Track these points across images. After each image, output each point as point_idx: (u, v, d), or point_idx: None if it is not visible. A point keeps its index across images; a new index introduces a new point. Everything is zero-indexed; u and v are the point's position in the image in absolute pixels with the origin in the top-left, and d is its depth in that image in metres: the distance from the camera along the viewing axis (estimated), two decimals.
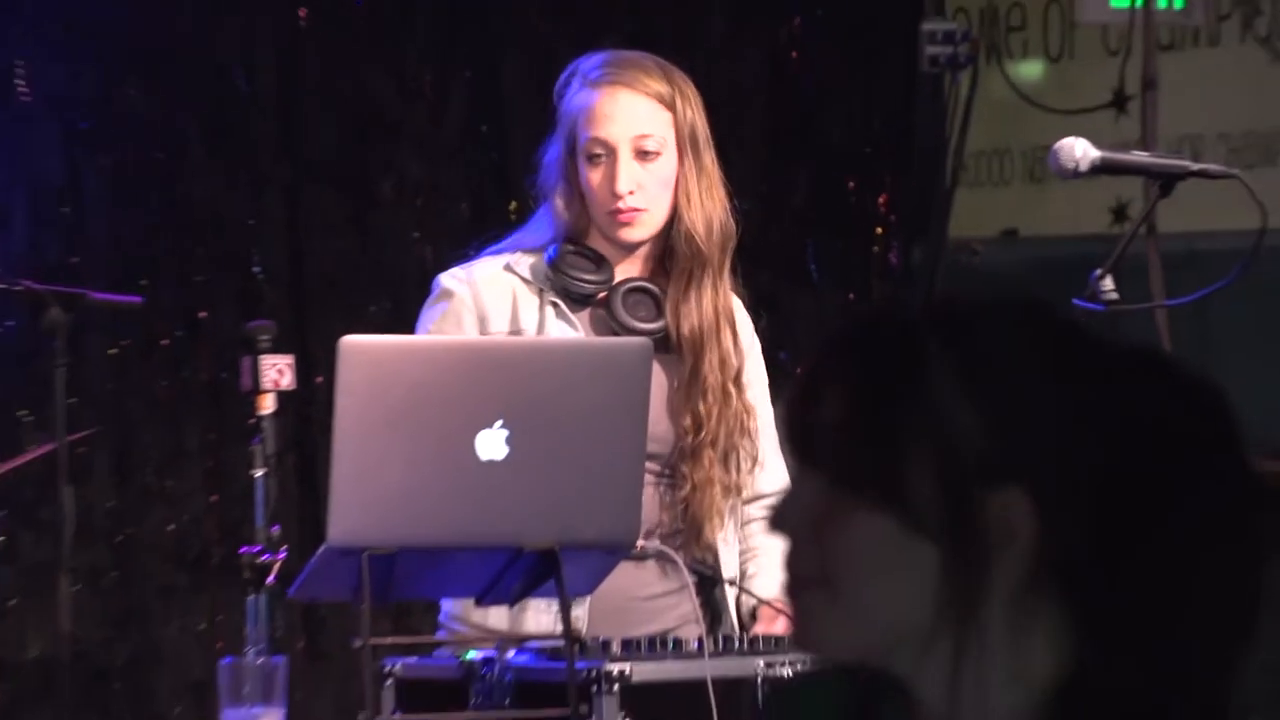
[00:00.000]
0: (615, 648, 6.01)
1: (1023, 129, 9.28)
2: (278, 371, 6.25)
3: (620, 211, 6.31)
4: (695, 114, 6.44)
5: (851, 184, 9.92)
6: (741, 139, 6.62)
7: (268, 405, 6.22)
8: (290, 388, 6.28)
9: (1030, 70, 10.13)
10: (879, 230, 9.93)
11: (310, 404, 6.25)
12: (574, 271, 6.41)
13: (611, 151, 6.37)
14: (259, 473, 6.18)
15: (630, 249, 6.38)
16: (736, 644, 6.13)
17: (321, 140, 9.30)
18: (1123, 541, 2.72)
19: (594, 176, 6.39)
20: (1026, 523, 2.63)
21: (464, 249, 6.71)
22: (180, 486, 8.81)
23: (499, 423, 5.83)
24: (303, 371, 6.23)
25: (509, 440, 5.83)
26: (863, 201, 9.95)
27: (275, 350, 6.29)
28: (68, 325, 7.61)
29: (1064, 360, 2.74)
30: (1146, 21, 9.63)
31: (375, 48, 9.43)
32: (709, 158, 6.39)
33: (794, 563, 2.68)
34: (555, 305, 6.44)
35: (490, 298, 6.47)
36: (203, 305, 8.83)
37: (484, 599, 6.20)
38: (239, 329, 6.60)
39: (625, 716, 5.76)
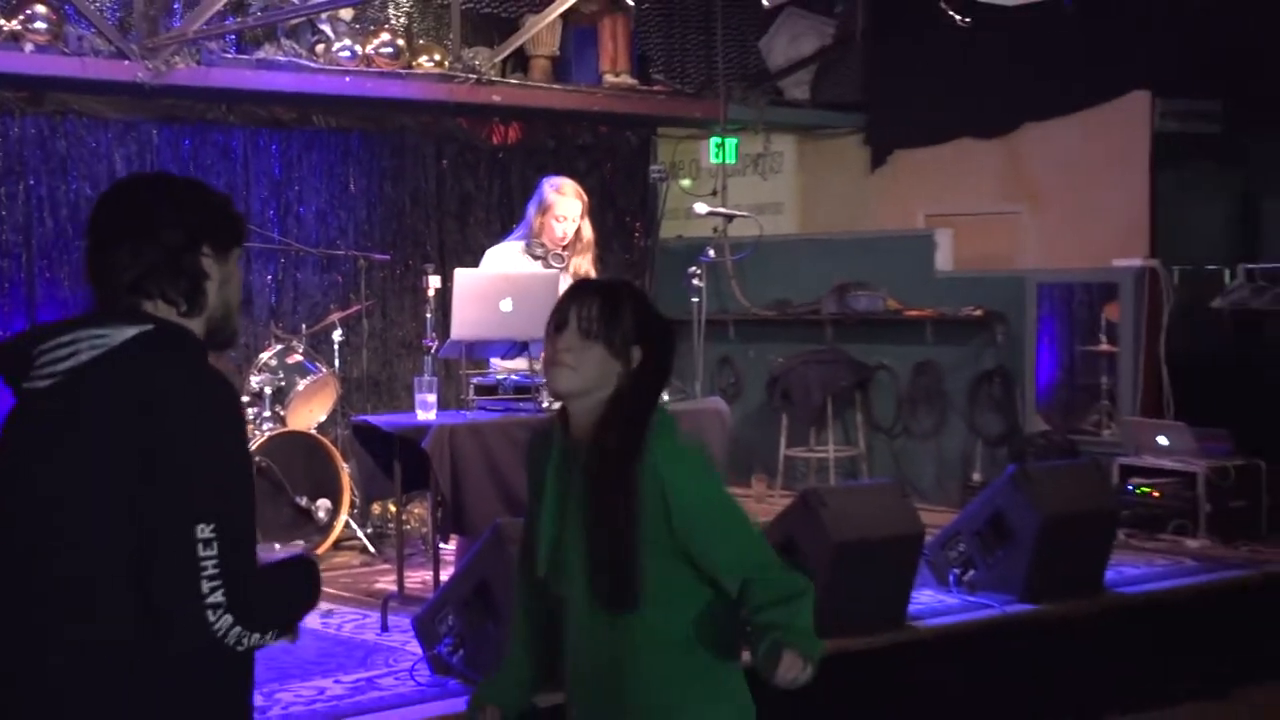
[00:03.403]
0: None
1: (682, 202, 8.86)
2: (435, 283, 6.23)
3: (559, 238, 5.86)
4: (585, 202, 5.99)
5: (628, 219, 9.48)
6: (595, 207, 6.44)
7: (430, 291, 6.11)
8: (439, 288, 6.11)
9: (686, 183, 9.58)
10: (635, 235, 9.49)
11: (445, 295, 6.15)
12: (533, 249, 5.88)
13: (561, 218, 5.90)
14: (430, 314, 6.14)
15: (560, 245, 5.87)
16: None
17: (451, 203, 8.68)
18: (655, 356, 2.63)
19: (552, 225, 5.89)
20: (640, 356, 2.60)
21: (495, 239, 6.46)
22: (401, 319, 8.33)
23: (509, 299, 5.59)
24: (444, 283, 6.14)
25: (513, 305, 5.58)
26: (631, 225, 9.49)
27: (434, 274, 6.30)
28: (366, 268, 7.40)
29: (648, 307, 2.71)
30: (722, 167, 9.25)
31: (470, 172, 8.76)
32: (587, 217, 5.97)
33: (564, 359, 2.58)
34: (527, 259, 5.92)
35: (503, 258, 5.96)
36: (411, 259, 8.34)
37: (504, 357, 5.94)
38: (423, 267, 6.57)
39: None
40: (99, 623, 2.11)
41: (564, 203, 5.93)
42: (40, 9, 6.95)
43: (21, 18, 6.92)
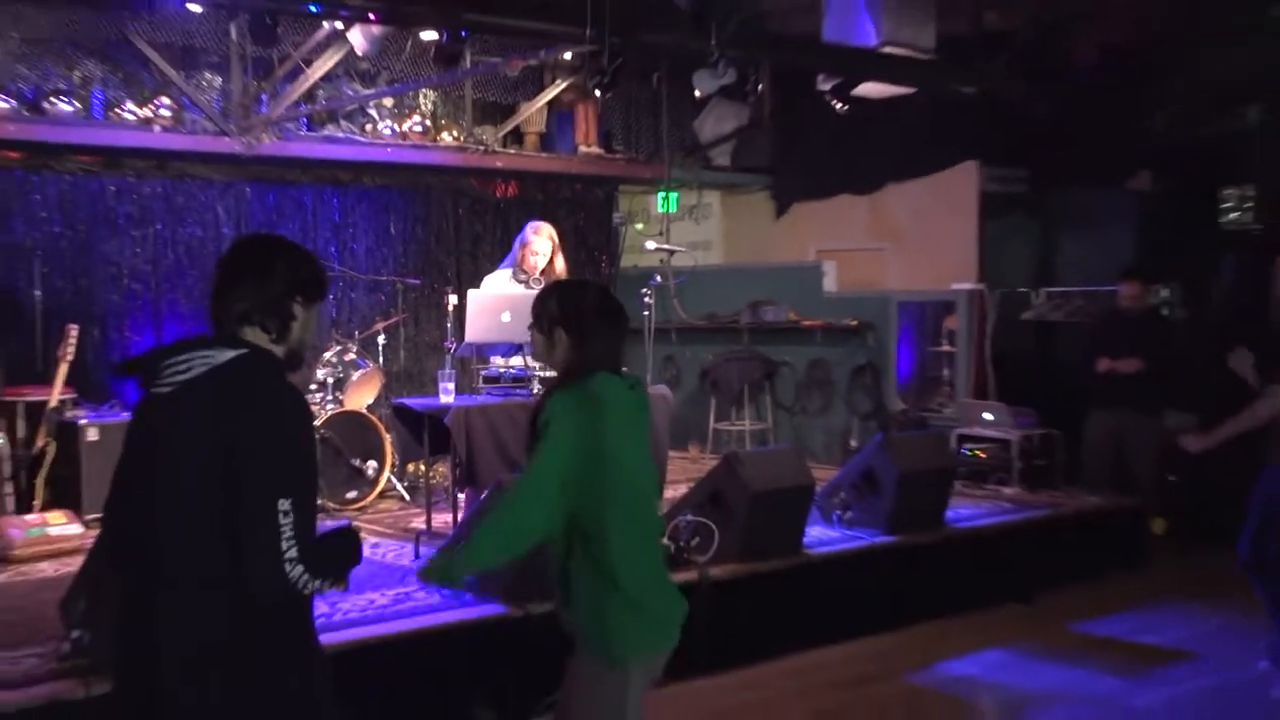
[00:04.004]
0: None
1: (637, 240, 8.80)
2: (453, 301, 6.13)
3: (533, 267, 5.75)
4: (557, 240, 5.89)
5: (596, 253, 9.37)
6: (567, 246, 6.38)
7: (450, 307, 6.03)
8: (456, 305, 5.94)
9: (639, 226, 9.53)
10: (602, 265, 9.40)
11: (461, 310, 6.06)
12: (517, 275, 5.75)
13: (534, 253, 5.75)
14: (450, 323, 6.06)
15: (535, 272, 5.77)
16: None
17: (466, 241, 8.63)
18: (585, 332, 2.61)
19: (529, 257, 5.75)
20: (565, 336, 2.61)
21: (493, 268, 6.34)
22: (428, 327, 8.27)
23: (508, 312, 5.46)
24: (460, 301, 6.03)
25: (510, 316, 5.42)
26: (599, 258, 9.36)
27: (453, 294, 6.21)
28: (403, 290, 7.28)
29: (597, 296, 2.67)
30: (667, 215, 9.30)
31: (480, 219, 8.70)
32: (561, 251, 5.89)
33: (535, 347, 2.63)
34: (513, 284, 5.74)
35: (496, 282, 5.79)
36: (436, 283, 8.25)
37: (505, 356, 5.80)
38: (444, 289, 6.46)
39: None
40: (205, 577, 2.11)
41: (537, 241, 5.85)
42: (165, 100, 7.11)
43: (151, 107, 7.12)
